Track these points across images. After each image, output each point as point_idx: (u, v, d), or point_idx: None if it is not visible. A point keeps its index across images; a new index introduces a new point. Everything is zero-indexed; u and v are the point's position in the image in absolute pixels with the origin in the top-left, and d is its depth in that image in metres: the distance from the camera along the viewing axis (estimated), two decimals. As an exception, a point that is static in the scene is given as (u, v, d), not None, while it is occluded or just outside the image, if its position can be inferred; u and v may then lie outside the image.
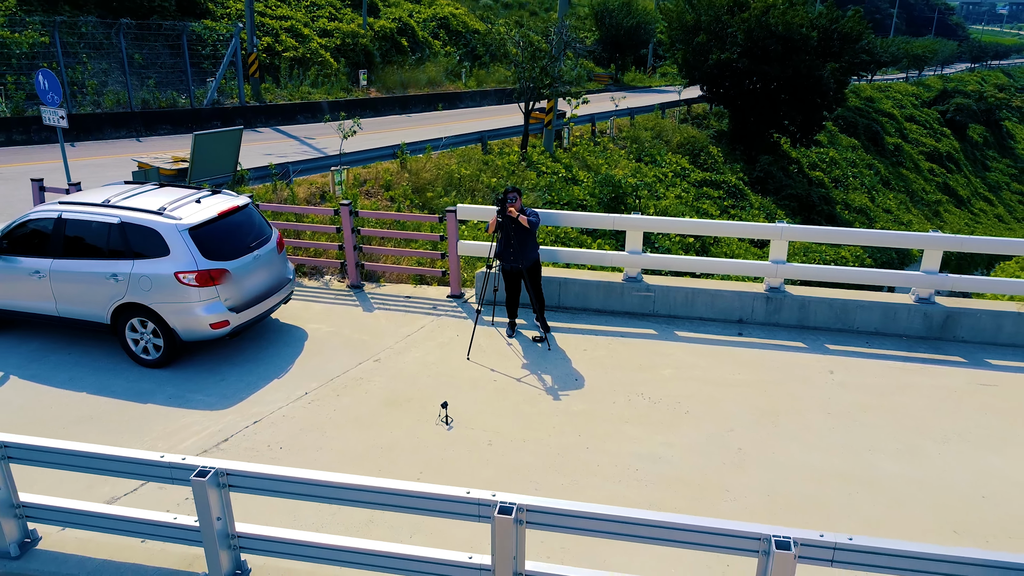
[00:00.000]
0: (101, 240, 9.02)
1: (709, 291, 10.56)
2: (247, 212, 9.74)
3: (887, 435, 7.96)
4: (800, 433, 7.98)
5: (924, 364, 9.49)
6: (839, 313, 10.22)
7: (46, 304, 9.35)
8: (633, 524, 4.80)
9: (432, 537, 6.08)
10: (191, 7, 33.40)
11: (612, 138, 29.93)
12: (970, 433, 8.03)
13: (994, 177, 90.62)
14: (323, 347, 9.83)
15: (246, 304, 9.26)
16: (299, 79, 33.76)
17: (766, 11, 34.26)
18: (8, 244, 9.43)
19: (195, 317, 8.83)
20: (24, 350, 9.62)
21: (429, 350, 9.80)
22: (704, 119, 40.27)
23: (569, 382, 9.00)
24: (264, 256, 9.62)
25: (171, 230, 8.79)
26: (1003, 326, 9.86)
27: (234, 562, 5.48)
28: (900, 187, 58.71)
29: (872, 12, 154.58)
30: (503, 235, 9.71)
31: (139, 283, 8.81)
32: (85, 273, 9.04)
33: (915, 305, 10.05)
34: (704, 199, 29.38)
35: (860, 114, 66.51)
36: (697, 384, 8.98)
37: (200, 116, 28.39)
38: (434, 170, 19.40)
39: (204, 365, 9.30)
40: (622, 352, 9.77)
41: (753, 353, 9.77)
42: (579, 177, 22.71)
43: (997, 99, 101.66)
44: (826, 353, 9.75)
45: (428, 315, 10.91)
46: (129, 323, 9.08)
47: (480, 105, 40.31)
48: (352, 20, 39.73)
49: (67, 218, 9.16)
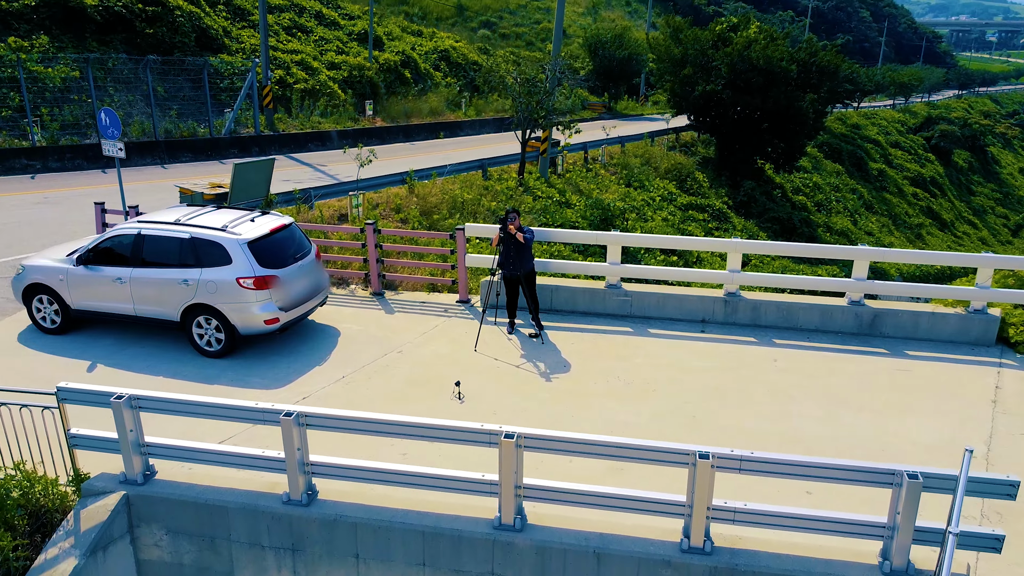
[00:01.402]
0: (174, 252, 10.99)
1: (677, 295, 12.56)
2: (291, 229, 11.74)
3: (814, 407, 9.90)
4: (744, 405, 9.93)
5: (853, 354, 11.47)
6: (785, 314, 12.21)
7: (126, 305, 11.30)
8: (602, 446, 6.75)
9: (453, 466, 7.99)
10: (209, 42, 35.62)
11: (603, 165, 32.04)
12: (881, 405, 9.98)
13: (979, 201, 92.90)
14: (354, 342, 11.78)
15: (292, 304, 11.22)
16: (309, 109, 35.92)
17: (748, 46, 36.54)
18: (94, 256, 11.40)
19: (252, 315, 10.79)
20: (104, 344, 11.55)
21: (443, 344, 11.76)
22: (692, 146, 42.46)
23: (558, 368, 10.95)
24: (306, 265, 11.60)
25: (233, 244, 10.77)
26: (920, 323, 11.86)
27: (307, 484, 7.40)
28: (883, 211, 60.92)
29: (861, 41, 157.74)
30: (504, 248, 11.70)
31: (206, 287, 10.77)
32: (160, 279, 11.00)
33: (848, 307, 12.05)
34: (690, 221, 31.40)
35: (845, 140, 68.93)
36: (664, 370, 10.93)
37: (219, 145, 30.45)
38: (440, 194, 21.42)
39: (257, 355, 11.24)
40: (603, 345, 11.75)
41: (712, 346, 11.74)
42: (572, 201, 24.74)
43: (981, 125, 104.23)
44: (773, 346, 11.73)
45: (441, 316, 12.88)
46: (196, 320, 11.03)
47: (479, 133, 42.45)
48: (358, 54, 42.01)
49: (146, 234, 11.14)
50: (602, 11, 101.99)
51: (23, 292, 11.77)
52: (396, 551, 7.18)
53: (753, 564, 6.63)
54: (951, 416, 9.70)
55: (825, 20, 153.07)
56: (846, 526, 6.56)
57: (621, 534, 6.93)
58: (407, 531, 7.11)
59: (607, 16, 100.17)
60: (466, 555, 7.05)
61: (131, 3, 32.66)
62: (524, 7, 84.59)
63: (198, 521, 7.52)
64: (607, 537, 6.91)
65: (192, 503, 7.49)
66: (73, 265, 11.37)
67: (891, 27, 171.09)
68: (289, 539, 7.37)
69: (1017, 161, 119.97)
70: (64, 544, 7.31)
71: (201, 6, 36.63)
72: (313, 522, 7.27)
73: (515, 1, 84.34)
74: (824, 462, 6.46)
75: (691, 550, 6.71)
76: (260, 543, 7.45)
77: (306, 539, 7.33)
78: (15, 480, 7.56)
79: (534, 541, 6.92)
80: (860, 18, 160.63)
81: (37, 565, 7.21)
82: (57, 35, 30.82)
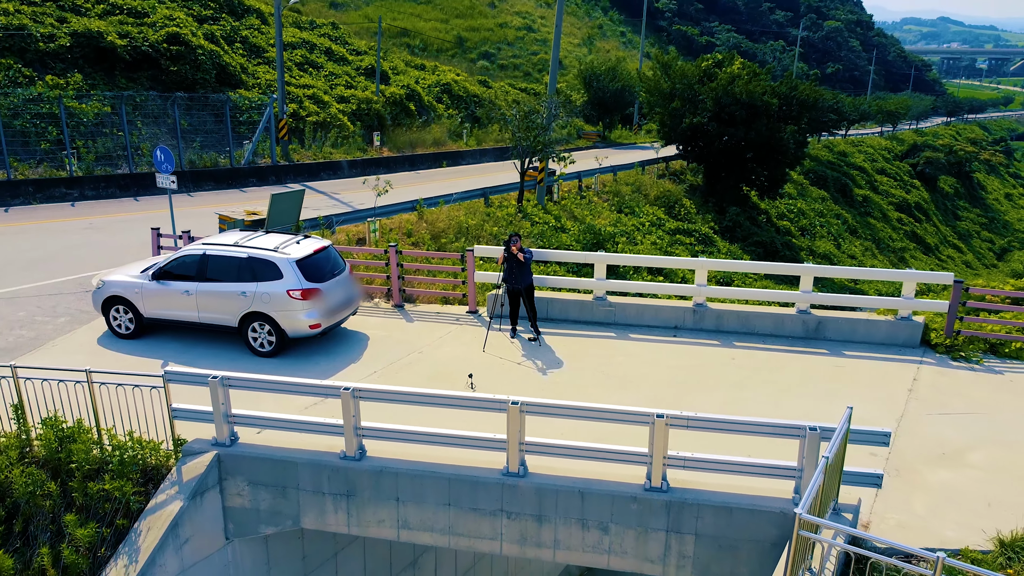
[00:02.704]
0: (234, 269, 13.24)
1: (654, 306, 14.83)
2: (329, 250, 14.00)
3: (762, 393, 12.12)
4: (704, 392, 12.15)
5: (799, 354, 13.72)
6: (744, 321, 14.47)
7: (191, 313, 13.53)
8: (585, 409, 8.97)
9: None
10: (228, 78, 38.14)
11: (596, 192, 34.43)
12: (819, 393, 12.20)
13: (964, 226, 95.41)
14: (381, 344, 14.01)
15: (331, 312, 13.46)
16: (321, 141, 38.34)
17: (731, 81, 39.10)
18: (164, 272, 13.63)
19: (299, 320, 13.02)
20: (173, 346, 13.75)
21: (456, 346, 13.99)
22: (682, 174, 44.90)
23: (553, 365, 13.18)
24: (341, 280, 13.85)
25: (284, 262, 13.03)
26: (857, 329, 14.11)
27: (359, 444, 9.59)
28: (867, 235, 63.37)
29: (851, 69, 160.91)
30: (508, 266, 13.96)
31: (260, 298, 13.01)
32: (222, 291, 13.24)
33: (796, 315, 14.31)
34: (677, 245, 33.70)
35: (831, 167, 71.58)
36: (640, 366, 13.16)
37: (239, 174, 32.80)
38: (447, 220, 23.73)
39: (302, 355, 13.46)
40: (591, 347, 13.99)
41: (682, 347, 13.99)
42: (567, 226, 27.06)
43: (967, 152, 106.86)
44: (732, 347, 13.97)
45: (453, 324, 15.12)
46: (251, 326, 13.25)
47: (480, 162, 44.86)
48: (366, 88, 44.56)
49: (210, 254, 13.40)
50: (597, 41, 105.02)
51: (102, 303, 13.99)
52: (428, 494, 9.37)
53: (699, 499, 8.82)
54: (874, 402, 11.91)
55: (816, 50, 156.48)
56: (768, 469, 8.77)
57: (599, 478, 9.14)
58: (436, 478, 9.31)
59: (602, 46, 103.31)
60: (482, 496, 9.24)
61: (157, 43, 35.19)
62: (521, 39, 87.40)
63: (273, 474, 9.71)
64: (589, 480, 9.11)
65: (268, 459, 9.69)
66: (148, 280, 13.60)
67: (881, 56, 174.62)
68: (344, 487, 9.55)
69: (1003, 187, 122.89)
70: (170, 492, 9.50)
71: (220, 45, 39.18)
72: (364, 473, 9.47)
73: (513, 34, 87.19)
74: (751, 420, 8.69)
75: (652, 489, 8.90)
76: (321, 491, 9.63)
77: (358, 486, 9.52)
78: (129, 444, 9.75)
79: (534, 484, 9.12)
80: (850, 47, 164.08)
81: (151, 507, 9.40)
82: (89, 73, 33.28)
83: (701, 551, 8.87)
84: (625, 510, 8.94)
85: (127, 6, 37.16)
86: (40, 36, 32.32)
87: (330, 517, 9.72)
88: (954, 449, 10.63)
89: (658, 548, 8.96)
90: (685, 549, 8.91)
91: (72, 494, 9.50)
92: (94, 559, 9.14)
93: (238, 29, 42.71)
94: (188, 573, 9.53)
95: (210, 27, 40.20)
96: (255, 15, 45.59)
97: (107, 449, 9.85)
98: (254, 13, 45.67)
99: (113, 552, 9.17)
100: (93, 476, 9.64)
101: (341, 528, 9.77)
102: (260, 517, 9.92)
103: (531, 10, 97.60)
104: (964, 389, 12.50)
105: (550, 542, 9.24)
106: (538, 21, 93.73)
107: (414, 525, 9.53)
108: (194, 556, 9.60)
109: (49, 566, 8.99)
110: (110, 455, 9.71)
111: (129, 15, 36.63)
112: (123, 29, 34.99)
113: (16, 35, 31.59)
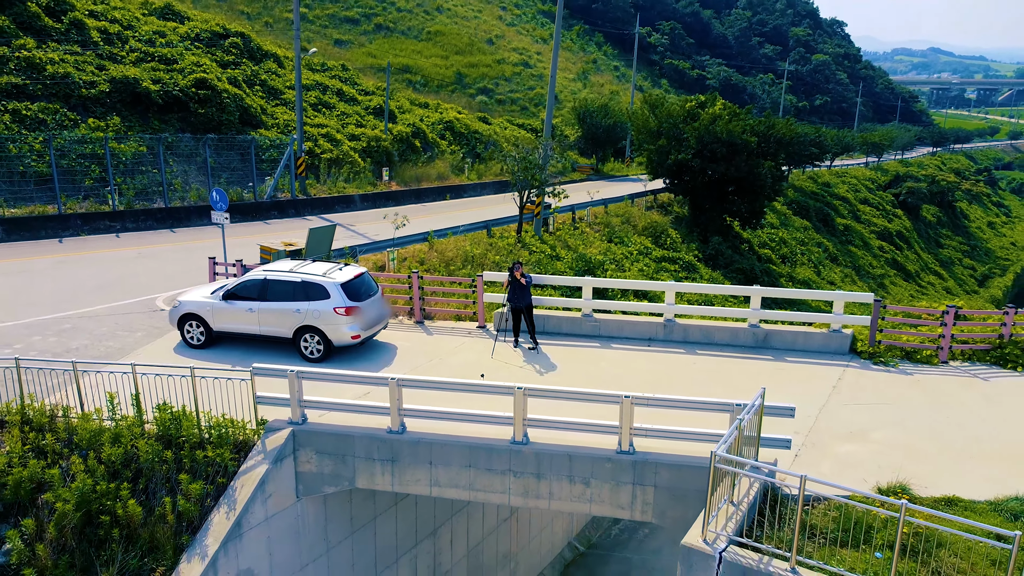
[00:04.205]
0: (289, 291, 16.32)
1: (631, 322, 17.94)
2: (365, 275, 17.11)
3: (716, 390, 15.14)
4: (669, 389, 15.18)
5: (749, 360, 16.80)
6: (706, 334, 17.57)
7: (253, 327, 16.59)
8: (573, 393, 12.04)
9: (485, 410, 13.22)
10: (249, 119, 41.49)
11: (589, 223, 37.66)
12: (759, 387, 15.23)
13: (947, 253, 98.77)
14: (408, 352, 17.07)
15: (368, 326, 16.53)
16: (335, 176, 41.63)
17: (713, 121, 42.50)
18: (231, 294, 16.70)
19: (343, 332, 16.09)
20: (236, 352, 16.77)
21: (469, 353, 17.06)
22: (669, 206, 48.21)
23: (548, 368, 16.25)
24: (375, 300, 16.95)
25: (331, 285, 16.13)
26: (797, 340, 17.23)
27: (401, 422, 12.63)
28: (847, 262, 66.70)
29: (839, 101, 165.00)
30: (511, 288, 17.06)
31: (311, 314, 16.08)
32: (279, 309, 16.32)
33: (748, 328, 17.42)
34: (662, 272, 36.89)
35: (814, 198, 75.11)
36: (620, 369, 16.23)
37: (261, 207, 36.00)
38: (455, 249, 26.90)
39: (344, 361, 16.50)
40: (579, 355, 17.07)
41: (654, 355, 17.07)
42: (561, 255, 30.25)
43: (949, 182, 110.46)
44: (695, 355, 17.07)
45: (466, 337, 18.21)
46: (303, 336, 16.32)
47: (481, 195, 48.18)
48: (375, 127, 47.97)
49: (269, 279, 16.50)
50: (592, 76, 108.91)
51: (178, 319, 17.05)
52: (453, 458, 12.40)
53: (657, 459, 11.84)
54: (804, 395, 14.95)
55: (804, 83, 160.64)
56: (708, 436, 11.78)
57: (583, 445, 12.18)
58: (460, 446, 12.35)
59: (597, 80, 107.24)
60: (494, 459, 12.27)
61: (186, 88, 38.58)
62: (518, 74, 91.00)
63: (335, 445, 12.74)
64: (576, 447, 12.15)
65: (331, 434, 12.73)
66: (219, 300, 16.69)
67: (868, 88, 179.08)
68: (390, 454, 12.58)
69: (986, 215, 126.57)
70: (257, 458, 12.51)
71: (242, 88, 42.61)
72: (405, 443, 12.50)
73: (510, 69, 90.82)
74: (694, 399, 11.76)
75: (622, 452, 11.94)
76: (372, 457, 12.66)
77: (400, 453, 12.55)
78: (223, 423, 12.77)
79: (534, 450, 12.16)
80: (838, 80, 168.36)
81: (243, 469, 12.42)
82: (126, 115, 36.60)
83: (659, 498, 11.89)
84: (602, 468, 11.97)
85: (158, 54, 40.60)
86: (83, 83, 35.65)
87: (378, 478, 12.74)
88: (860, 429, 13.69)
89: (627, 497, 11.99)
90: (647, 497, 11.93)
91: (183, 460, 12.51)
92: (202, 507, 12.14)
93: (257, 73, 46.17)
94: (270, 520, 12.53)
95: (232, 72, 43.67)
96: (272, 59, 49.13)
97: (204, 427, 12.88)
98: (271, 58, 49.21)
99: (215, 503, 12.18)
100: (197, 447, 12.67)
101: (387, 487, 12.79)
102: (323, 479, 12.93)
103: (527, 46, 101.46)
104: (878, 386, 15.59)
105: (546, 494, 12.26)
106: (534, 57, 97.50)
107: (443, 483, 12.55)
108: (275, 508, 12.60)
109: (169, 512, 11.99)
110: (209, 431, 12.75)
111: (160, 62, 40.03)
112: (155, 75, 38.38)
113: (62, 83, 34.90)
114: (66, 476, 12.37)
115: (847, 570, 9.06)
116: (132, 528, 11.90)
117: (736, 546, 9.62)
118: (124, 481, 12.27)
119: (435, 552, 16.95)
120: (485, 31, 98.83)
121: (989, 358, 16.87)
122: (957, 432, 13.65)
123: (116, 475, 12.43)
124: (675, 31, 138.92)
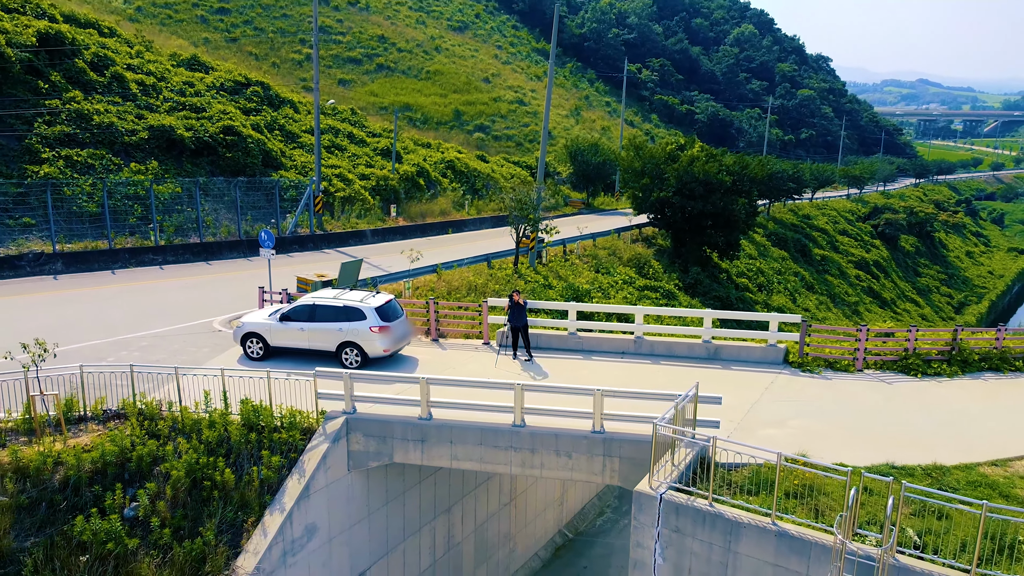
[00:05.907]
0: (332, 313, 20.39)
1: (609, 339, 22.05)
2: (393, 301, 21.21)
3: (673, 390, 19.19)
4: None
5: (702, 368, 20.89)
6: (668, 348, 21.68)
7: (304, 343, 20.65)
8: (558, 388, 16.11)
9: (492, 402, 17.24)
10: (270, 161, 45.76)
11: (578, 255, 41.86)
12: (708, 389, 19.31)
13: (924, 281, 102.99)
14: (427, 364, 21.13)
15: (395, 342, 20.60)
16: (348, 212, 45.84)
17: (691, 162, 46.90)
18: (285, 316, 20.75)
19: (376, 347, 20.14)
20: (288, 363, 20.76)
21: (476, 364, 21.14)
22: (653, 239, 52.47)
23: (541, 374, 20.31)
24: (401, 322, 21.03)
25: (368, 309, 20.22)
26: (742, 353, 21.34)
27: (429, 411, 16.66)
28: (823, 291, 70.97)
29: (824, 134, 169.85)
30: (511, 310, 21.15)
31: (351, 332, 20.14)
32: (325, 328, 20.37)
33: (702, 343, 21.53)
34: (644, 299, 41.03)
35: (793, 230, 79.57)
36: (599, 376, 20.29)
37: (284, 242, 40.11)
38: (459, 279, 31.03)
39: (376, 370, 20.51)
40: (566, 364, 21.17)
41: (626, 365, 21.16)
42: (553, 284, 34.38)
43: (927, 213, 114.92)
44: (659, 364, 21.16)
45: (474, 351, 22.29)
46: (344, 350, 20.36)
47: (480, 228, 52.39)
48: (383, 167, 52.30)
49: (316, 304, 20.59)
50: (584, 112, 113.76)
51: (241, 337, 21.08)
52: (468, 438, 16.42)
53: (622, 437, 15.85)
54: (742, 395, 19.00)
55: (790, 117, 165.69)
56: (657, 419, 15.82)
57: (567, 427, 16.20)
58: (474, 429, 16.38)
59: (588, 116, 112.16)
60: (499, 438, 16.30)
61: (216, 134, 42.88)
62: (514, 111, 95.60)
63: (378, 429, 16.74)
64: (560, 429, 16.18)
65: (376, 421, 16.75)
66: (276, 321, 20.75)
67: (853, 121, 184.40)
68: (420, 435, 16.59)
69: (965, 245, 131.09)
70: (319, 439, 16.53)
71: (264, 133, 46.96)
72: (431, 427, 16.53)
73: (506, 107, 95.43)
74: (648, 391, 15.82)
75: (595, 432, 15.95)
76: (407, 438, 16.67)
77: (428, 435, 16.56)
78: (293, 413, 16.79)
79: (529, 431, 16.19)
80: (823, 114, 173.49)
81: (308, 447, 16.42)
82: (162, 160, 40.83)
83: (623, 467, 15.89)
84: (580, 444, 15.99)
85: (188, 103, 44.97)
86: (125, 131, 39.91)
87: (411, 454, 16.74)
88: (781, 419, 17.74)
89: (599, 466, 16.00)
90: (614, 466, 15.93)
91: (263, 440, 16.50)
92: (279, 476, 16.11)
93: (276, 119, 50.59)
94: (329, 487, 16.49)
95: (255, 118, 48.04)
96: (289, 106, 53.62)
97: (277, 416, 16.88)
98: (288, 104, 53.71)
99: (289, 472, 16.16)
100: (274, 431, 16.67)
101: (417, 461, 16.79)
102: (369, 456, 16.92)
103: (522, 83, 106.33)
104: (802, 388, 19.68)
105: (539, 465, 16.26)
106: (529, 95, 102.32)
107: (460, 457, 16.57)
108: (333, 477, 16.57)
109: (255, 479, 15.96)
110: (281, 419, 16.77)
111: (191, 111, 44.38)
112: (187, 123, 42.70)
113: (107, 131, 39.15)
114: (176, 452, 16.35)
115: (745, 503, 13.11)
116: (227, 491, 15.86)
117: (673, 491, 13.67)
118: (219, 456, 16.26)
119: (449, 526, 20.86)
120: (482, 70, 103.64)
121: (896, 367, 20.99)
122: (856, 421, 17.72)
123: (213, 452, 16.41)
124: (664, 68, 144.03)
